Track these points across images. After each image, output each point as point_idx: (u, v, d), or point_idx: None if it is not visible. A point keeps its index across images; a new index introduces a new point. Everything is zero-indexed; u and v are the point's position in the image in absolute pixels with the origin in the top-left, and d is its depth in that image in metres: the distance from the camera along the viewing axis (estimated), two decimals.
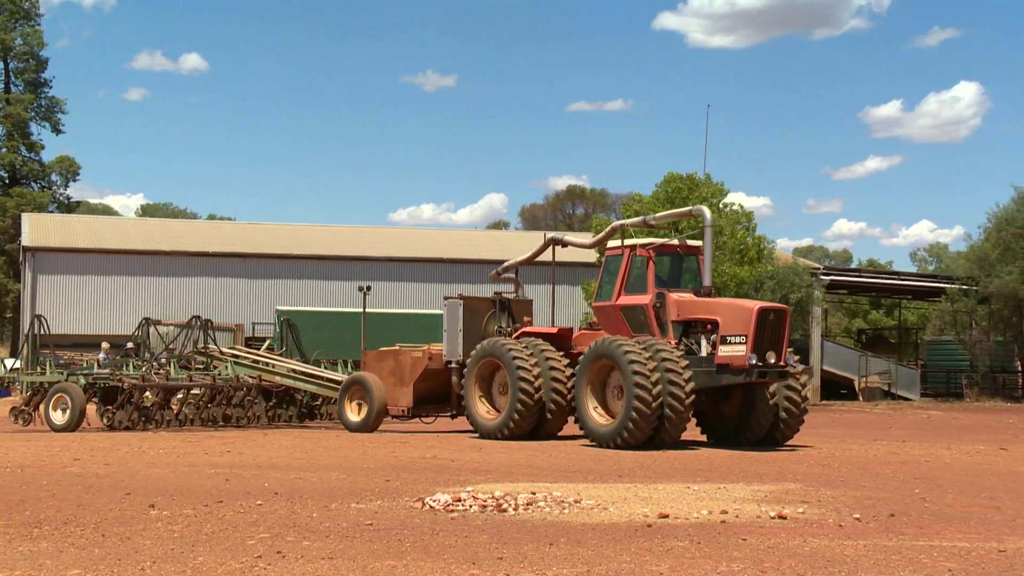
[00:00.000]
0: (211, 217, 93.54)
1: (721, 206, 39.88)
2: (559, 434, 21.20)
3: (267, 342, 27.73)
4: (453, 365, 22.55)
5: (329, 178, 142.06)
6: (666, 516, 10.56)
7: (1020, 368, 47.39)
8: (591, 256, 42.21)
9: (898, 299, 60.34)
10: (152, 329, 29.94)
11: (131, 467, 15.24)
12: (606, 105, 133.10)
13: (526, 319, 23.11)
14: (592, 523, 10.21)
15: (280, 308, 43.98)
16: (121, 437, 21.04)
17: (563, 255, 24.54)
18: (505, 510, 10.83)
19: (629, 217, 45.60)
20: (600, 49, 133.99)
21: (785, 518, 10.59)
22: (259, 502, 11.44)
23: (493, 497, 11.30)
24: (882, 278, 55.32)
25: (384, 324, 37.54)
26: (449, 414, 23.82)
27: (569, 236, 26.51)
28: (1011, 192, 46.43)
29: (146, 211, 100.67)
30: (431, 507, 11.03)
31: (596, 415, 19.22)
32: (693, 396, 18.52)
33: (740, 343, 18.68)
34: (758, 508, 11.23)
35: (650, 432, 18.43)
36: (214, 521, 10.18)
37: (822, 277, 47.38)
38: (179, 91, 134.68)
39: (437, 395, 23.36)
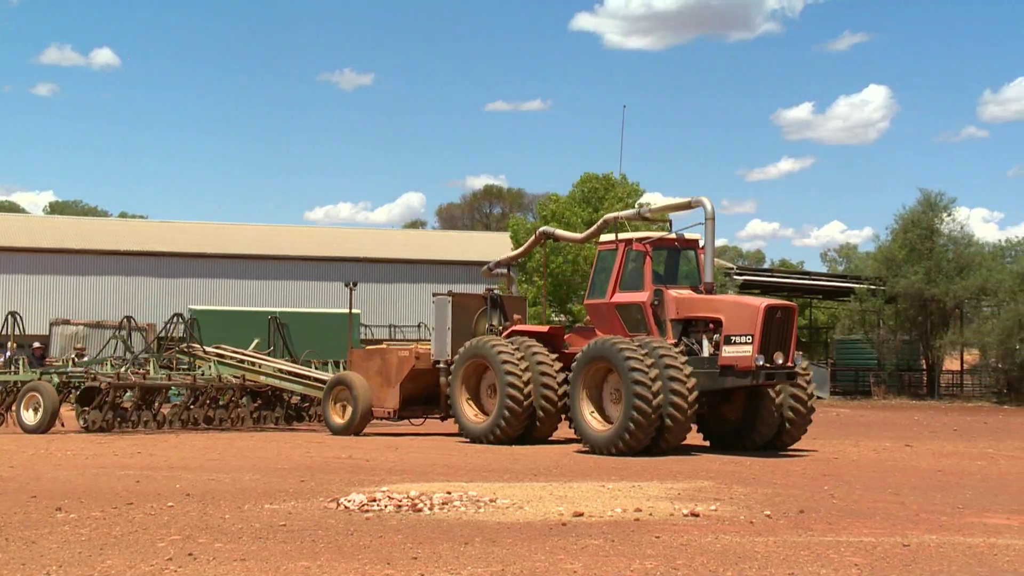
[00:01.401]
0: (123, 215, 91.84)
1: (636, 206, 40.20)
2: (551, 438, 20.16)
3: (255, 341, 27.03)
4: (441, 365, 21.48)
5: (244, 176, 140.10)
6: (581, 515, 10.63)
7: (925, 366, 48.53)
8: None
9: (809, 299, 61.30)
10: (60, 328, 29.19)
11: (37, 470, 14.90)
12: (524, 105, 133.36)
13: (516, 317, 22.02)
14: (507, 522, 10.23)
15: (193, 307, 43.38)
16: (27, 439, 20.56)
17: (478, 254, 24.41)
18: (420, 510, 10.82)
19: (545, 217, 45.92)
20: (518, 49, 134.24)
21: (698, 515, 10.72)
22: (170, 504, 11.28)
23: (408, 497, 11.28)
24: (794, 278, 56.24)
25: (294, 323, 37.10)
26: (438, 416, 22.70)
27: (560, 230, 25.78)
28: (917, 194, 47.60)
29: (55, 208, 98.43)
30: (346, 507, 10.97)
31: (593, 420, 18.15)
32: (696, 399, 17.55)
33: (746, 343, 17.59)
34: (671, 506, 11.36)
35: (650, 438, 17.46)
36: (123, 523, 10.00)
37: (735, 277, 48.02)
38: (90, 86, 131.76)
39: (426, 396, 22.30)
